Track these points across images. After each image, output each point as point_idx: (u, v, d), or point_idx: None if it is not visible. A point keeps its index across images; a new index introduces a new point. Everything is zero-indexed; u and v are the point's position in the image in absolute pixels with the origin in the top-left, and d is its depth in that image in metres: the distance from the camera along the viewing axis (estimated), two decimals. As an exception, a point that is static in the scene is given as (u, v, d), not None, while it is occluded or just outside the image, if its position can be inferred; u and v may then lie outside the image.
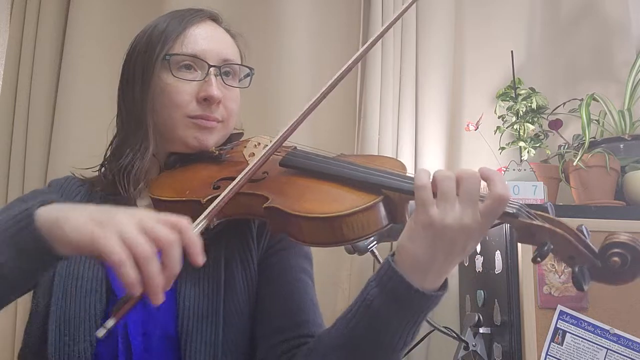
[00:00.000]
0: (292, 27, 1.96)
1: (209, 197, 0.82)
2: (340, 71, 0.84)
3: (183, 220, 0.63)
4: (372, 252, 1.48)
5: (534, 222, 0.69)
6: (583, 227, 0.69)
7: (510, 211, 0.69)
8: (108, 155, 0.99)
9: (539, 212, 0.70)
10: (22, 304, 1.72)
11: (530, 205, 0.71)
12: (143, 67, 0.92)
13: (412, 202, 0.75)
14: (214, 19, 1.00)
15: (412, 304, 0.71)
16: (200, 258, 0.62)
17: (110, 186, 0.94)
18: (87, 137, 1.88)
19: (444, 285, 0.73)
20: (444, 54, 1.99)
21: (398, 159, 1.76)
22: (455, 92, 2.03)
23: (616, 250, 0.67)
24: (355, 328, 0.74)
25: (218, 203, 0.75)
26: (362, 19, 2.03)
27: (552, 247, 0.68)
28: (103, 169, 0.99)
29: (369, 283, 0.74)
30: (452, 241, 0.69)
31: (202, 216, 0.72)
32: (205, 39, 0.94)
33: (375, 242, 1.48)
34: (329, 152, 0.89)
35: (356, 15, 2.05)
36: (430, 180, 0.70)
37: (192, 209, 0.80)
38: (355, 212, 0.73)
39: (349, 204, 0.74)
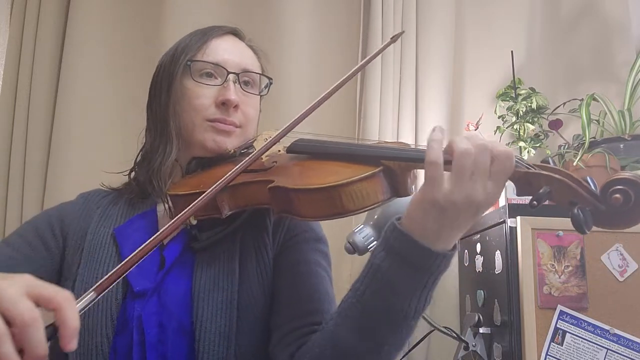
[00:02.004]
0: (292, 27, 1.96)
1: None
2: (340, 80, 0.92)
3: (62, 295, 0.54)
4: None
5: (530, 170, 0.67)
6: (589, 177, 0.66)
7: None
8: (139, 160, 1.03)
9: (538, 164, 0.69)
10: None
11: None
12: (168, 76, 0.98)
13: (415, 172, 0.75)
14: (236, 33, 1.04)
15: (419, 263, 0.70)
16: (71, 344, 0.53)
17: (139, 190, 0.99)
18: (87, 137, 1.89)
19: (454, 247, 0.72)
20: (444, 54, 1.99)
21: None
22: (455, 92, 2.03)
23: (618, 187, 0.63)
24: (364, 295, 0.73)
25: (184, 213, 0.73)
26: (362, 19, 2.04)
27: (548, 190, 0.65)
28: (133, 173, 1.03)
29: (375, 249, 0.74)
30: (462, 213, 0.68)
31: (95, 286, 0.62)
32: (225, 50, 0.99)
33: (375, 242, 1.48)
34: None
35: (356, 16, 2.05)
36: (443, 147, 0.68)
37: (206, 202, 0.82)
38: (354, 182, 0.73)
39: (347, 175, 0.74)
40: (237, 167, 0.79)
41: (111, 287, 0.63)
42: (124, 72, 1.98)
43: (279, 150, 0.94)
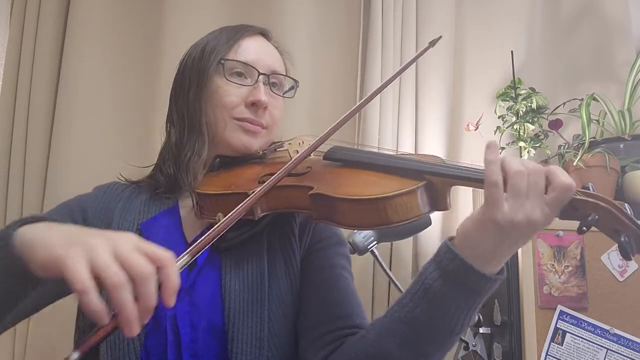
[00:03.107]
0: (292, 28, 1.96)
1: (255, 189, 0.85)
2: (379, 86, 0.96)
3: (166, 254, 0.59)
4: (372, 252, 1.49)
5: (577, 197, 0.69)
6: (626, 205, 0.69)
7: None
8: (163, 154, 1.03)
9: (581, 190, 0.71)
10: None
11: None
12: (198, 71, 0.98)
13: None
14: (264, 34, 1.06)
15: (473, 286, 0.72)
16: (172, 299, 0.58)
17: (166, 184, 0.98)
18: (87, 137, 1.89)
19: (502, 270, 0.74)
20: (444, 54, 1.99)
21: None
22: (455, 93, 2.03)
23: None
24: (413, 312, 0.75)
25: (244, 204, 0.75)
26: (362, 19, 2.04)
27: (596, 217, 0.68)
28: (158, 166, 1.03)
29: (427, 267, 0.75)
30: (520, 234, 0.70)
31: (188, 250, 0.67)
32: (255, 50, 1.00)
33: (375, 242, 1.48)
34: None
35: (356, 16, 2.05)
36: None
37: (237, 202, 0.83)
38: (400, 194, 0.74)
39: (393, 187, 0.76)
40: (281, 170, 0.81)
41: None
42: (124, 72, 1.98)
43: (311, 155, 0.94)
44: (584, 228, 0.68)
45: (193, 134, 0.97)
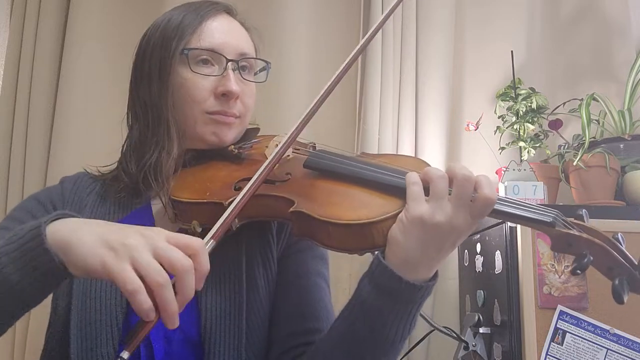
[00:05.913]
0: (292, 28, 1.96)
1: (231, 199, 0.80)
2: (342, 67, 0.87)
3: (196, 243, 0.62)
4: (372, 253, 1.49)
5: (571, 232, 0.67)
6: (619, 235, 0.68)
7: (547, 220, 0.68)
8: (125, 151, 0.95)
9: (575, 221, 0.69)
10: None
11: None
12: (160, 61, 0.90)
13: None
14: (229, 12, 0.97)
15: (404, 296, 0.71)
16: (202, 283, 0.62)
17: (128, 185, 0.91)
18: (87, 136, 1.89)
19: (435, 275, 0.74)
20: (444, 54, 1.99)
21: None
22: (455, 92, 2.03)
23: None
24: (353, 326, 0.74)
25: (230, 212, 0.73)
26: (362, 19, 2.04)
27: (591, 259, 0.65)
28: (122, 165, 0.94)
29: (362, 280, 0.74)
30: (443, 238, 0.70)
31: (210, 234, 0.69)
32: (221, 33, 0.92)
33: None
34: (350, 151, 0.88)
35: (356, 16, 2.05)
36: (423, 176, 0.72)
37: (213, 211, 0.79)
38: (386, 219, 0.71)
39: (379, 209, 0.72)
40: (252, 182, 0.75)
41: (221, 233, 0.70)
42: (124, 72, 1.96)
43: (288, 156, 0.89)
44: (578, 271, 0.66)
45: (159, 129, 0.88)
